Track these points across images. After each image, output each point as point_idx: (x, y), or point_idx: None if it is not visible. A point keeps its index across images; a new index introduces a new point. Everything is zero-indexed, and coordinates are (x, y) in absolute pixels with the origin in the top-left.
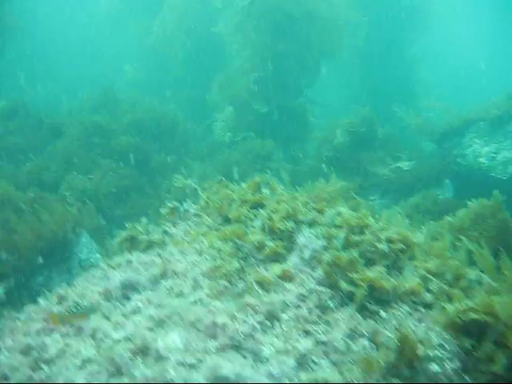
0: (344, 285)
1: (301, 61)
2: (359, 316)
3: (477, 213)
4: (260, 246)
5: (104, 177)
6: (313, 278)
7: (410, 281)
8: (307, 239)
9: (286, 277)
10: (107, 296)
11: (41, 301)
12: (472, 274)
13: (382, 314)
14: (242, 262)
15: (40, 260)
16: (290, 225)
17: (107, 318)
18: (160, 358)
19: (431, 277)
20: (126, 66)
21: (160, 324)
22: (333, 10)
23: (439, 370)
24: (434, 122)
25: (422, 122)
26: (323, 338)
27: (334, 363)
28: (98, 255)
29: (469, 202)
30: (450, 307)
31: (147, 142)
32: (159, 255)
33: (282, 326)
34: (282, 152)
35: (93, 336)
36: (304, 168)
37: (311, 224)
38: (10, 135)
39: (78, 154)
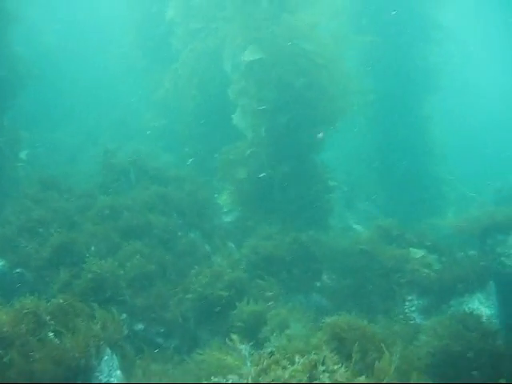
0: None
1: (303, 129)
2: None
3: None
4: None
5: (129, 260)
6: None
7: None
8: None
9: None
10: None
11: None
12: None
13: None
14: None
15: None
16: None
17: None
18: None
19: None
20: (146, 115)
21: None
22: (333, 79)
23: None
24: (475, 218)
25: (462, 220)
26: None
27: None
28: (119, 372)
29: None
30: None
31: (172, 217)
32: None
33: None
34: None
35: None
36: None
37: None
38: (37, 208)
39: (103, 232)
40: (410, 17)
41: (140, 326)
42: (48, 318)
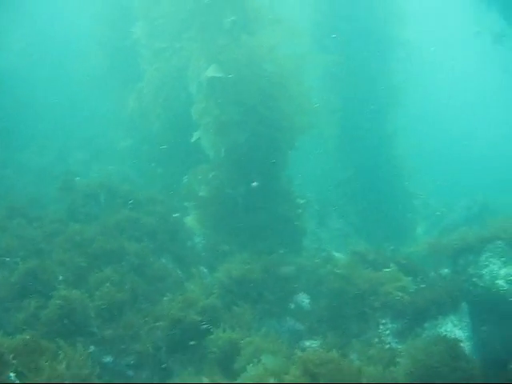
0: None
1: (264, 149)
2: None
3: None
4: None
5: (98, 288)
6: None
7: None
8: None
9: None
10: None
11: None
12: None
13: None
14: None
15: None
16: None
17: None
18: None
19: None
20: (114, 133)
21: None
22: (292, 98)
23: None
24: (446, 238)
25: (434, 240)
26: None
27: None
28: None
29: None
30: None
31: (143, 241)
32: None
33: None
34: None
35: None
36: None
37: None
38: (4, 236)
39: (71, 259)
40: (374, 35)
41: (109, 359)
42: (11, 356)
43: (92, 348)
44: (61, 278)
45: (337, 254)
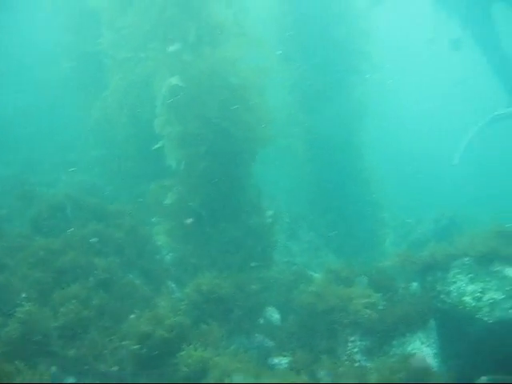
0: None
1: (225, 162)
2: None
3: None
4: None
5: (63, 305)
6: None
7: None
8: None
9: None
10: None
11: None
12: None
13: None
14: None
15: None
16: None
17: None
18: None
19: None
20: (84, 143)
21: None
22: (253, 112)
23: None
24: (417, 255)
25: (403, 256)
26: None
27: None
28: None
29: None
30: None
31: (110, 256)
32: None
33: None
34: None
35: None
36: None
37: None
38: None
39: (35, 275)
40: (338, 49)
41: (71, 380)
42: None
43: (53, 369)
44: (24, 295)
45: (308, 270)
